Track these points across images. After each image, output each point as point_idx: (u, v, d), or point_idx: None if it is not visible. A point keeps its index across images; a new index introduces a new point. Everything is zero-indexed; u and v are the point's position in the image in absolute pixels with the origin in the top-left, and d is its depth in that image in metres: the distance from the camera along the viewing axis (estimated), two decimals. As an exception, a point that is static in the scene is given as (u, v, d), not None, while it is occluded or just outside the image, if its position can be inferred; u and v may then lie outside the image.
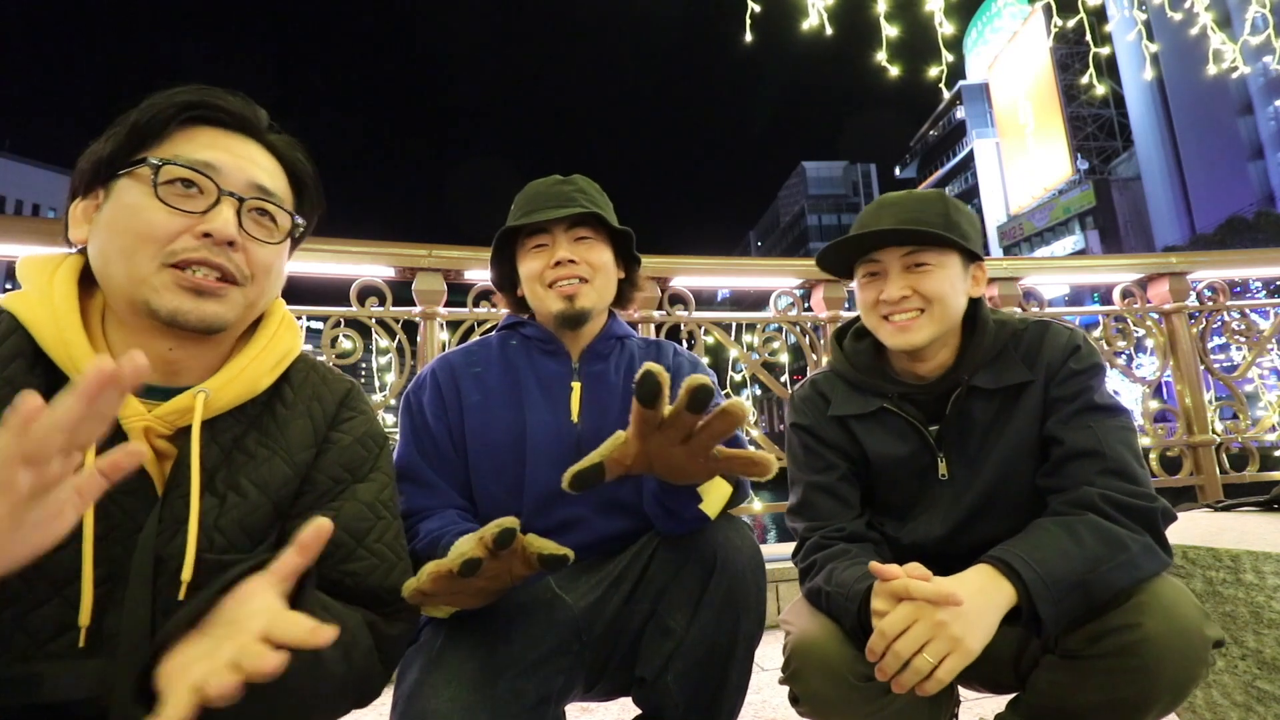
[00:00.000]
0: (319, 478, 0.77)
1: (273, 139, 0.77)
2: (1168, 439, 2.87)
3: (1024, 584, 0.82)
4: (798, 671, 0.93)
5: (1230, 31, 4.19)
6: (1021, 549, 0.86)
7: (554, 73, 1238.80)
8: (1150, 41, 3.90)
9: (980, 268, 1.08)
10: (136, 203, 0.67)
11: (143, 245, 0.66)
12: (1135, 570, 0.86)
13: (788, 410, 1.21)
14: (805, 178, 76.52)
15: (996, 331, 1.07)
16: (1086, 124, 47.93)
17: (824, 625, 0.95)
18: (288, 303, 0.85)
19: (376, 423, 0.86)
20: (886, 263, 1.04)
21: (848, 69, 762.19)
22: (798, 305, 2.69)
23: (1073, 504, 0.92)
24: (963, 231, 1.02)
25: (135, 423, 0.66)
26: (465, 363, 1.15)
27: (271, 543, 0.72)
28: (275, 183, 0.76)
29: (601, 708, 1.63)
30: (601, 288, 1.15)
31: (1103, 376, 1.03)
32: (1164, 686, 0.83)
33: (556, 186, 1.15)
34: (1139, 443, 0.99)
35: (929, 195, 1.05)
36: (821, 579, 0.98)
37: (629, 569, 1.02)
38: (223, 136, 0.73)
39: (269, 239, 0.74)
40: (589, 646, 1.01)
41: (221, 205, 0.70)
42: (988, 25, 54.90)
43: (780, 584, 2.30)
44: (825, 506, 1.08)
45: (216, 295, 0.69)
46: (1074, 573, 0.83)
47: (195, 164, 0.69)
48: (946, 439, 1.07)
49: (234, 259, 0.70)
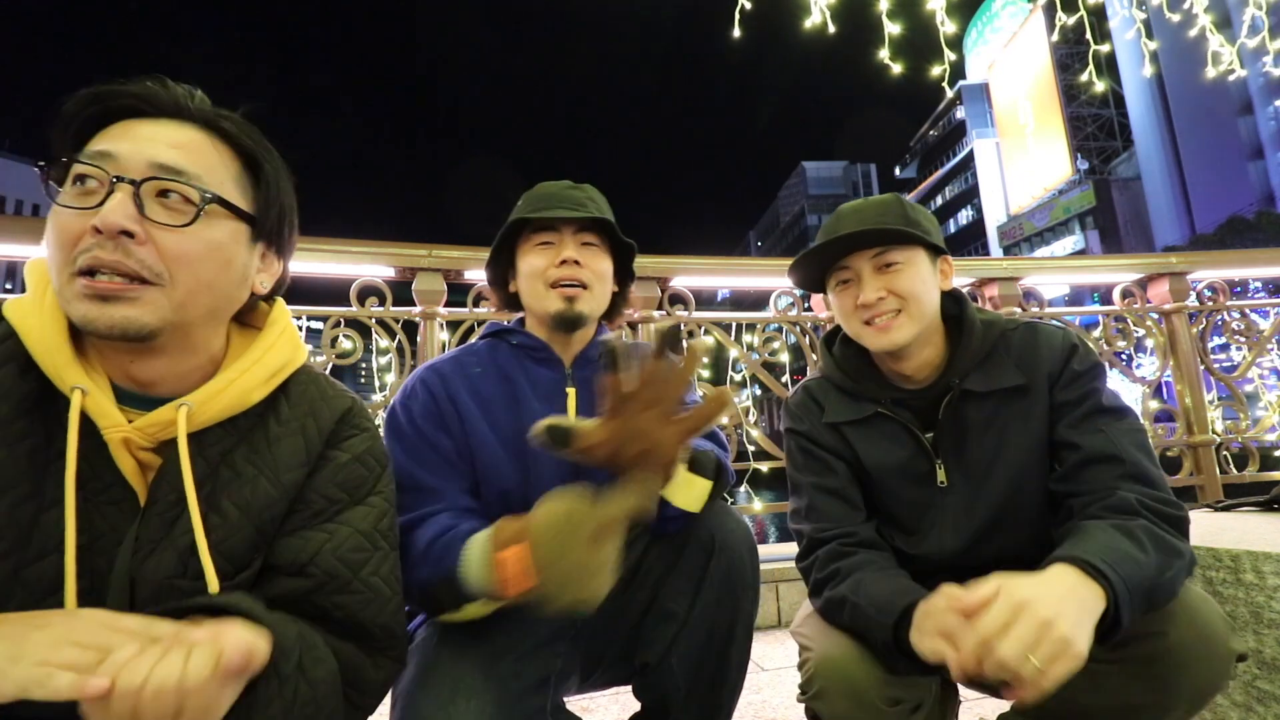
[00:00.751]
0: (312, 497, 0.72)
1: (217, 120, 0.69)
2: (1168, 439, 2.87)
3: (1112, 587, 0.75)
4: (822, 692, 0.91)
5: (1229, 33, 4.19)
6: (1097, 551, 0.79)
7: (554, 72, 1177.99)
8: (1150, 40, 3.90)
9: (946, 261, 1.10)
10: (54, 212, 0.63)
11: (56, 254, 0.62)
12: (1184, 577, 0.84)
13: (784, 416, 1.20)
14: (805, 178, 76.57)
15: (984, 332, 1.07)
16: (1086, 124, 47.93)
17: (847, 645, 0.92)
18: (287, 303, 0.81)
19: (380, 441, 0.81)
20: (857, 268, 1.05)
21: (848, 69, 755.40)
22: (798, 305, 2.69)
23: (1114, 510, 0.88)
24: (924, 228, 1.05)
25: (114, 434, 0.63)
26: (456, 369, 1.12)
27: (255, 570, 0.68)
28: (191, 159, 0.66)
29: (601, 707, 1.63)
30: (600, 296, 1.14)
31: (1105, 376, 1.03)
32: (1182, 696, 0.81)
33: (568, 190, 1.15)
34: (1151, 443, 0.98)
35: (885, 199, 1.08)
36: (847, 588, 0.94)
37: (624, 559, 1.02)
38: (142, 125, 0.66)
39: (174, 221, 0.64)
40: (584, 634, 1.02)
41: (114, 194, 0.62)
42: (987, 25, 54.89)
43: (780, 584, 2.30)
44: (833, 509, 1.07)
45: (124, 298, 0.62)
46: (1146, 579, 0.79)
47: (87, 156, 0.63)
48: (943, 445, 1.06)
49: (135, 253, 0.62)
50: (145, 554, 0.64)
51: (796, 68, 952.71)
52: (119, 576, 0.63)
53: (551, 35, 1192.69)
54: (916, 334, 1.04)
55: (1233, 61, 4.09)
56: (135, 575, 0.63)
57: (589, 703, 1.65)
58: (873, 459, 1.08)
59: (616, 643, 1.02)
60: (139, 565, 0.63)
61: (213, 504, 0.67)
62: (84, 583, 0.62)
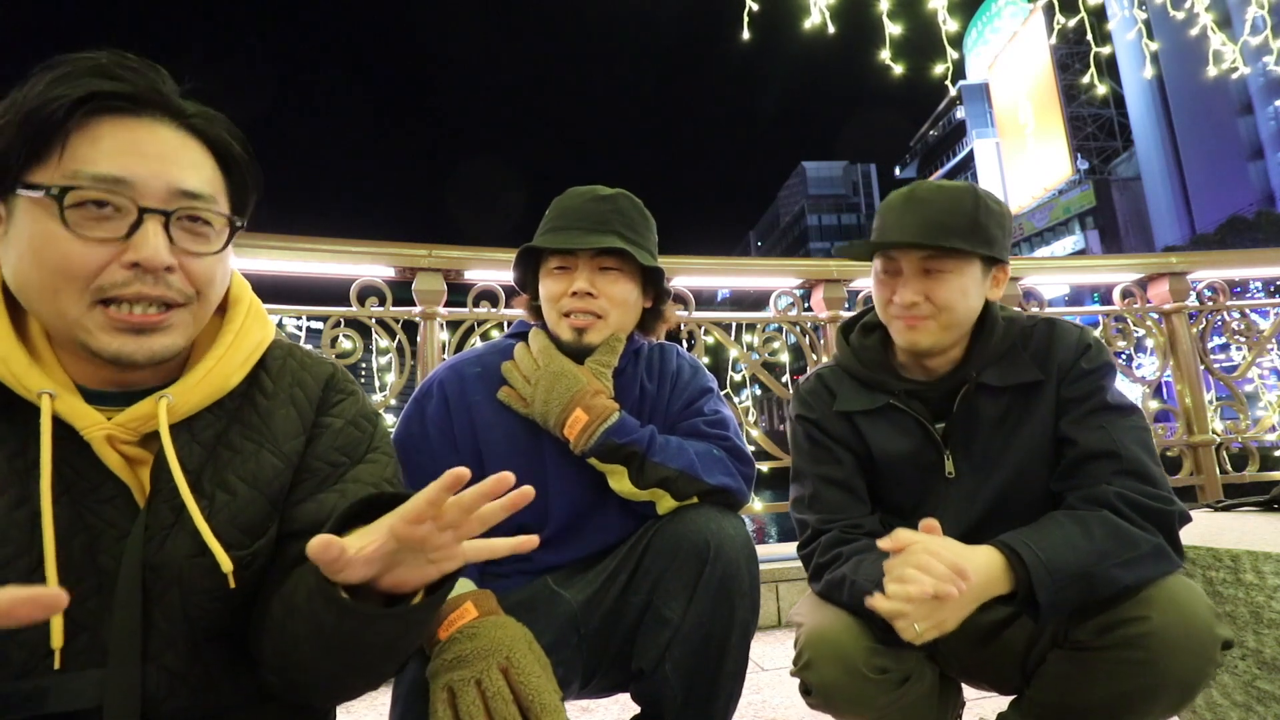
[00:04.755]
0: (315, 464, 0.74)
1: (191, 118, 0.65)
2: (1168, 439, 2.87)
3: (1026, 568, 0.83)
4: (811, 661, 0.93)
5: (1230, 32, 4.19)
6: (1029, 536, 0.87)
7: (554, 72, 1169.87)
8: (1150, 40, 3.89)
9: (1003, 269, 1.06)
10: (46, 232, 0.58)
11: (65, 284, 0.59)
12: (1142, 569, 0.86)
13: (792, 402, 1.20)
14: (805, 178, 76.48)
15: (1006, 329, 1.06)
16: (1086, 124, 47.91)
17: (838, 616, 0.94)
18: (287, 303, 0.81)
19: (366, 401, 0.82)
20: (903, 263, 1.02)
21: (848, 68, 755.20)
22: (798, 305, 2.69)
23: (1089, 500, 0.93)
24: (989, 236, 0.99)
25: (95, 432, 0.62)
26: (475, 369, 1.11)
27: (272, 536, 0.71)
28: (201, 177, 0.65)
29: (601, 706, 1.63)
30: (617, 322, 1.11)
31: (1114, 375, 1.03)
32: (1170, 682, 0.83)
33: (592, 204, 1.10)
34: (1154, 442, 0.99)
35: (960, 194, 1.00)
36: (848, 569, 0.96)
37: (625, 561, 1.02)
38: (130, 128, 0.61)
39: (207, 249, 0.65)
40: (586, 639, 1.01)
41: (145, 226, 0.60)
42: (988, 25, 54.87)
43: (780, 584, 2.30)
44: (837, 500, 1.08)
45: (160, 328, 0.62)
46: (1078, 564, 0.84)
47: (102, 181, 0.59)
48: (953, 436, 1.06)
49: (173, 283, 0.62)
50: (159, 541, 0.64)
51: (797, 67, 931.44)
52: (129, 567, 0.63)
53: (552, 35, 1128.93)
54: (941, 341, 1.03)
55: (1235, 60, 4.09)
56: (151, 562, 0.64)
57: (589, 702, 1.65)
58: (882, 448, 1.08)
59: (614, 646, 1.02)
60: (154, 552, 0.64)
61: (219, 483, 0.68)
62: (91, 580, 0.62)
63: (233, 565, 0.65)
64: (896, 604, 0.79)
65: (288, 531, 0.71)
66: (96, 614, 0.62)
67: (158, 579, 0.64)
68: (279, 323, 0.86)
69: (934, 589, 0.77)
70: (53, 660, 0.59)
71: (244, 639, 0.69)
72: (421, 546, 0.56)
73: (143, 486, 0.66)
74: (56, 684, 0.60)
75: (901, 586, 0.79)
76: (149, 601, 0.64)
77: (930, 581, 0.78)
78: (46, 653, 0.59)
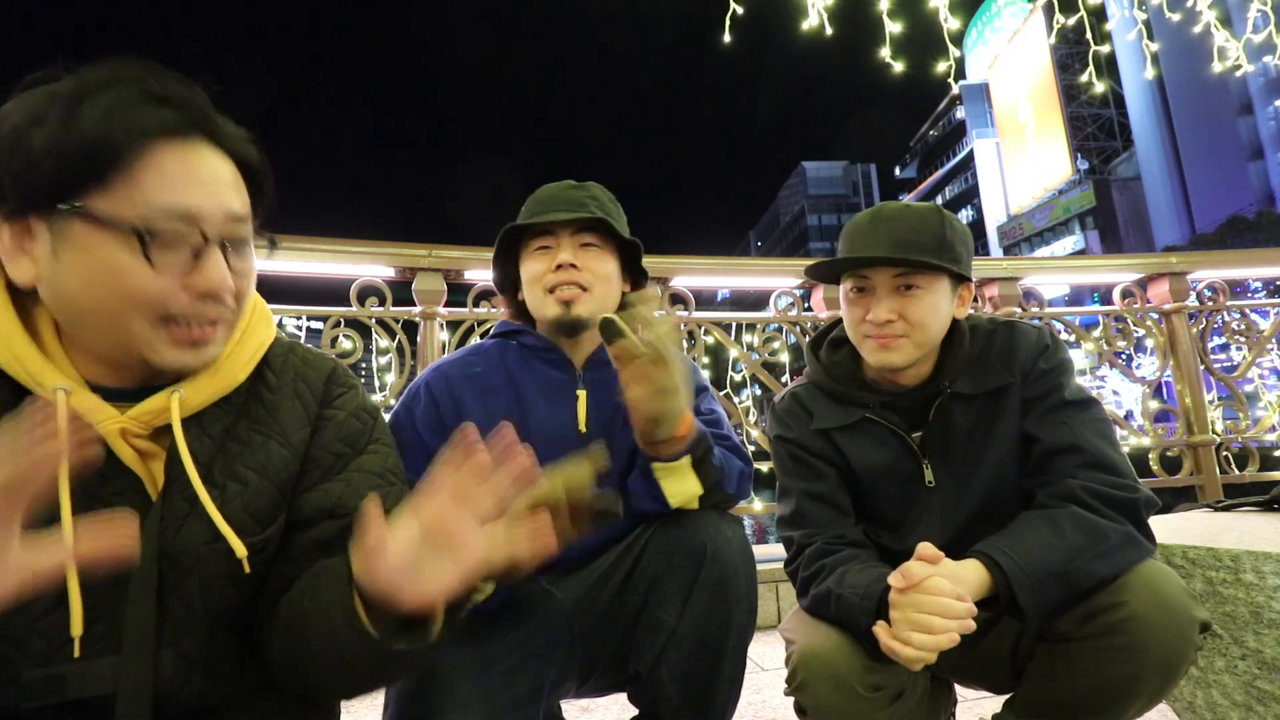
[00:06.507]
0: (320, 455, 0.77)
1: (225, 136, 0.68)
2: (1168, 439, 2.87)
3: (1005, 575, 0.86)
4: (805, 682, 0.92)
5: (1230, 30, 4.18)
6: (1004, 542, 0.90)
7: (554, 72, 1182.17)
8: (1150, 41, 3.89)
9: (968, 288, 1.08)
10: (119, 262, 0.61)
11: (136, 310, 0.62)
12: (1116, 559, 0.89)
13: (770, 422, 1.19)
14: (805, 178, 76.54)
15: (972, 337, 1.08)
16: (1086, 124, 47.94)
17: (829, 634, 0.94)
18: (287, 303, 0.83)
19: (366, 395, 0.85)
20: (876, 281, 1.03)
21: (848, 68, 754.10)
22: (798, 305, 2.69)
23: (1056, 496, 0.95)
24: (955, 254, 1.01)
25: (110, 425, 0.65)
26: (462, 370, 1.11)
27: (281, 524, 0.73)
28: (241, 199, 0.69)
29: (601, 706, 1.63)
30: (602, 297, 1.10)
31: (1072, 371, 1.05)
32: (1152, 665, 0.85)
33: (568, 191, 1.13)
34: (1115, 432, 1.01)
35: (925, 213, 1.03)
36: (832, 581, 0.96)
37: (620, 562, 1.02)
38: (184, 155, 0.64)
39: (249, 266, 0.71)
40: (580, 639, 1.01)
41: (211, 255, 0.64)
42: (988, 25, 54.89)
43: (781, 584, 2.30)
44: (821, 515, 1.08)
45: (210, 340, 0.68)
46: (1054, 563, 0.87)
47: (178, 217, 0.62)
48: (930, 445, 1.07)
49: (226, 302, 0.68)
50: (175, 529, 0.67)
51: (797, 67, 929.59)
52: (145, 557, 0.65)
53: (553, 35, 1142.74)
54: (915, 358, 1.04)
55: (1239, 57, 4.08)
56: (168, 550, 0.66)
57: (589, 702, 1.65)
58: (862, 461, 1.09)
59: (611, 648, 1.01)
60: (171, 540, 0.66)
61: (230, 474, 0.70)
62: (108, 572, 0.63)
63: (247, 551, 0.67)
64: (925, 654, 0.82)
65: (295, 520, 0.74)
66: (113, 603, 0.64)
67: (174, 567, 0.66)
68: (279, 323, 0.88)
69: (960, 630, 0.81)
70: (72, 648, 0.61)
71: (253, 630, 0.71)
72: (442, 529, 0.57)
73: (155, 479, 0.68)
74: (74, 671, 0.62)
75: (932, 638, 0.81)
76: (166, 589, 0.66)
77: (956, 625, 0.81)
78: (65, 640, 0.60)
